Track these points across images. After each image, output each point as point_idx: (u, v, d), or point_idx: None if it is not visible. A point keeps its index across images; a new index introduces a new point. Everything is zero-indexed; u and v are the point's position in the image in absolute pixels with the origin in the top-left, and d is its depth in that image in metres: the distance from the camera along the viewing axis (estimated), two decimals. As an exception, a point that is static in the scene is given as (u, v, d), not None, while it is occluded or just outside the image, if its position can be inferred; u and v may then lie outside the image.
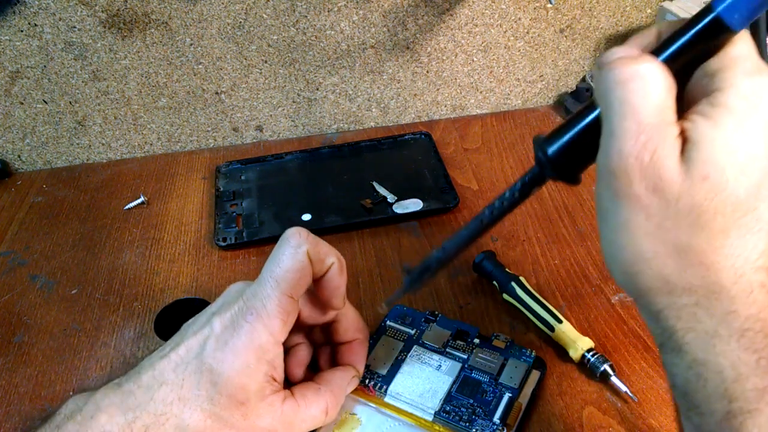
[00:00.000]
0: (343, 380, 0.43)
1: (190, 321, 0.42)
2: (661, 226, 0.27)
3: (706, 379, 0.28)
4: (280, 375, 0.40)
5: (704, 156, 0.26)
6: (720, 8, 0.27)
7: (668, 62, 0.28)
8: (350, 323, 0.45)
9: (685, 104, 0.28)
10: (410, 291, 0.41)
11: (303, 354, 0.45)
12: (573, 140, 0.31)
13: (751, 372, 0.27)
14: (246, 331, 0.38)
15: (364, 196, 0.66)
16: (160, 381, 0.38)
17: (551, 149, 0.32)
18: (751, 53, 0.28)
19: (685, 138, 0.27)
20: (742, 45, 0.28)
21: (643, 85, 0.27)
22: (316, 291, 0.42)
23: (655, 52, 0.29)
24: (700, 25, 0.28)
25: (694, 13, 0.29)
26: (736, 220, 0.26)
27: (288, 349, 0.45)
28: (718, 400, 0.28)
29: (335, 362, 0.46)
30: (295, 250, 0.39)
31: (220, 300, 0.42)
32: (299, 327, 0.45)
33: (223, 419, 0.38)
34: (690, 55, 0.28)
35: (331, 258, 0.41)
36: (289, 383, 0.42)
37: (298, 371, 0.44)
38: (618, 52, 0.28)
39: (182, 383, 0.38)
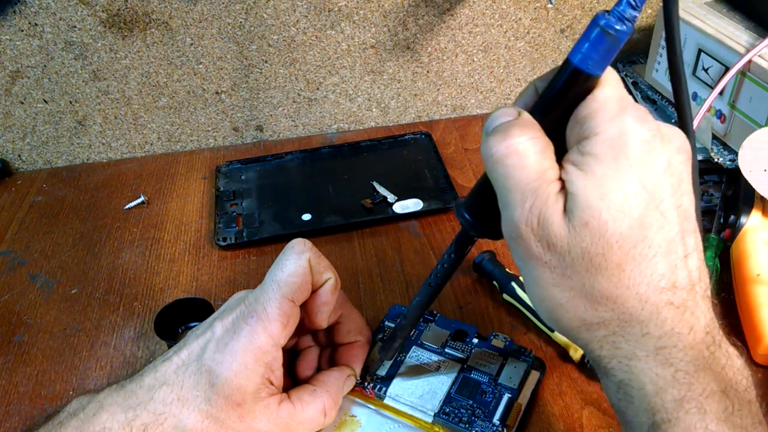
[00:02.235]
0: (338, 380, 0.43)
1: (195, 327, 0.42)
2: (564, 275, 0.30)
3: (632, 397, 0.31)
4: (278, 379, 0.40)
5: (580, 205, 0.29)
6: (575, 60, 0.29)
7: (545, 117, 0.31)
8: (352, 325, 0.46)
9: (567, 147, 0.31)
10: (386, 358, 0.46)
11: (313, 356, 0.46)
12: (483, 204, 0.34)
13: (669, 385, 0.29)
14: (246, 333, 0.39)
15: (364, 195, 0.66)
16: (161, 381, 0.39)
17: (468, 213, 0.35)
18: (615, 93, 0.30)
19: (565, 190, 0.29)
20: (606, 87, 0.30)
21: (518, 159, 0.30)
22: (304, 304, 0.42)
23: (533, 108, 0.32)
24: (563, 79, 0.30)
25: (694, 13, 0.30)
26: (627, 254, 0.29)
27: (299, 352, 0.46)
28: (643, 414, 0.30)
29: (334, 362, 0.46)
30: (298, 256, 0.41)
31: (223, 307, 0.43)
32: (306, 330, 0.45)
33: (220, 420, 0.38)
34: (564, 105, 0.31)
35: (328, 274, 0.43)
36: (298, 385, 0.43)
37: (309, 374, 0.45)
38: (498, 117, 0.31)
39: (182, 384, 0.39)
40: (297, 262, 0.40)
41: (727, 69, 0.59)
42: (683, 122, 0.42)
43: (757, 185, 0.51)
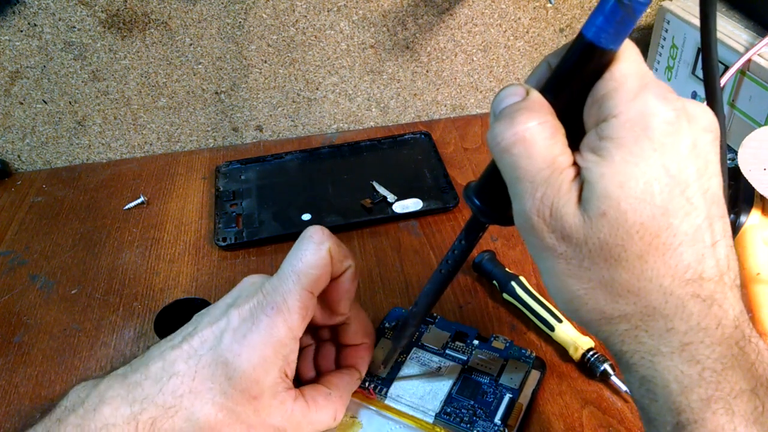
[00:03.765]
0: (349, 384, 0.43)
1: (203, 312, 0.41)
2: (581, 267, 0.28)
3: (656, 394, 0.29)
4: (292, 371, 0.40)
5: (597, 194, 0.27)
6: (589, 34, 0.27)
7: (557, 96, 0.29)
8: (360, 326, 0.45)
9: (585, 129, 0.29)
10: (398, 346, 0.45)
11: (312, 354, 0.46)
12: (493, 190, 0.32)
13: (695, 384, 0.28)
14: (266, 325, 0.38)
15: (364, 195, 0.65)
16: (170, 372, 0.37)
17: (478, 199, 0.34)
18: (634, 69, 0.28)
19: (581, 177, 0.28)
20: (624, 62, 0.28)
21: (525, 147, 0.28)
22: (326, 293, 0.41)
23: (545, 87, 0.30)
24: (576, 54, 0.28)
25: (693, 12, 0.29)
26: (649, 244, 0.27)
27: (301, 349, 0.45)
28: (668, 413, 0.29)
29: (338, 362, 0.45)
30: (318, 246, 0.39)
31: (236, 292, 0.41)
32: (310, 327, 0.45)
33: (235, 413, 0.37)
34: (579, 83, 0.29)
35: (349, 261, 0.41)
36: (298, 383, 0.42)
37: (310, 372, 0.45)
38: (506, 97, 0.29)
39: (194, 375, 0.37)
40: (317, 253, 0.39)
41: (727, 68, 0.59)
42: (712, 97, 0.41)
43: (756, 184, 0.51)
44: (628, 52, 0.28)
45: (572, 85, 0.29)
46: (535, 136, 0.28)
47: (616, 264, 0.27)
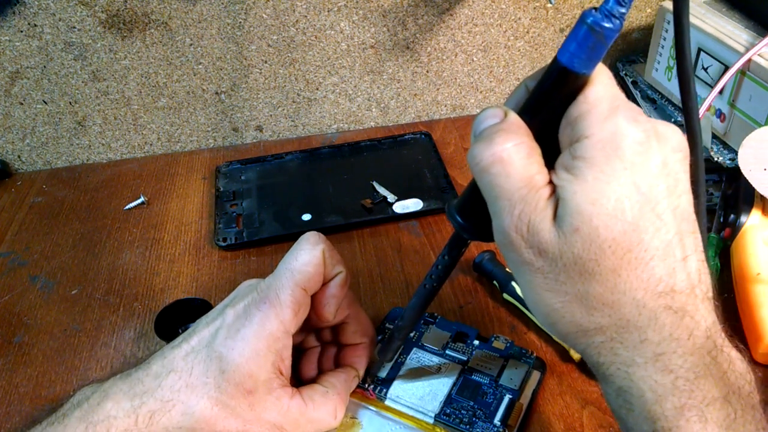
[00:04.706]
0: (347, 382, 0.43)
1: (206, 314, 0.42)
2: (557, 281, 0.29)
3: (632, 404, 0.30)
4: (287, 369, 0.40)
5: (570, 211, 0.28)
6: (563, 59, 0.28)
7: (534, 117, 0.30)
8: (359, 326, 0.46)
9: (560, 148, 0.30)
10: (385, 359, 0.46)
11: (316, 357, 0.46)
12: (474, 207, 0.34)
13: (669, 392, 0.29)
14: (258, 319, 0.39)
15: (364, 195, 0.66)
16: (169, 369, 0.39)
17: (459, 216, 0.35)
18: (606, 92, 0.29)
19: (556, 195, 0.29)
20: (597, 86, 0.29)
21: (503, 167, 0.29)
22: (313, 296, 0.42)
23: (522, 109, 0.31)
24: (551, 78, 0.29)
25: (693, 12, 0.29)
26: (621, 259, 0.28)
27: (304, 350, 0.46)
28: (644, 422, 0.29)
29: (337, 361, 0.46)
30: (313, 247, 0.41)
31: (233, 294, 0.43)
32: (311, 328, 0.45)
33: (230, 407, 0.38)
34: (554, 105, 0.30)
35: (340, 268, 0.43)
36: (300, 384, 0.43)
37: (312, 373, 0.45)
38: (484, 119, 0.30)
39: (191, 371, 0.38)
40: (311, 252, 0.41)
41: (727, 68, 0.59)
42: (689, 119, 0.41)
43: (756, 184, 0.51)
44: (600, 76, 0.29)
45: (548, 107, 0.30)
46: (512, 157, 0.29)
47: (590, 278, 0.29)
